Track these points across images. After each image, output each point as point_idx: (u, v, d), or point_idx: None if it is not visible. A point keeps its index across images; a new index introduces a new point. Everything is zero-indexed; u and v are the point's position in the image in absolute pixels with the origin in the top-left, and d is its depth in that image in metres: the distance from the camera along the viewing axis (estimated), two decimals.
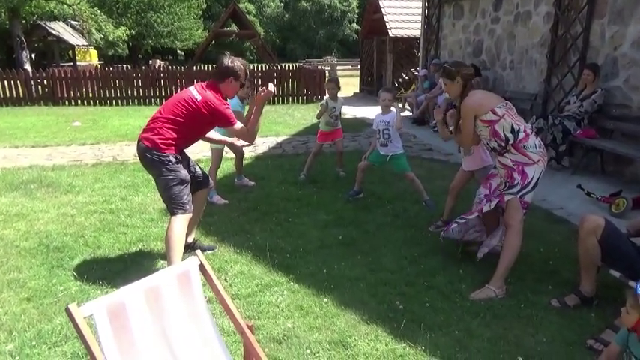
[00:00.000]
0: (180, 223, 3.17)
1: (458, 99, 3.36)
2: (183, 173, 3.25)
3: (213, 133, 3.65)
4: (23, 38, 13.83)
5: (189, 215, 3.26)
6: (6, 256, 3.60)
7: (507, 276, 3.17)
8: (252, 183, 5.49)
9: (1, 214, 4.48)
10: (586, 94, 6.00)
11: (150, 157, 3.20)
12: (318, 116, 5.78)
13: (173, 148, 3.21)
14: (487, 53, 8.77)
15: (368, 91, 16.05)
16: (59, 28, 18.52)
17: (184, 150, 3.39)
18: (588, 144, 5.90)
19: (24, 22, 14.22)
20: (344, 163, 6.06)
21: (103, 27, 18.01)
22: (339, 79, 6.26)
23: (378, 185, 5.40)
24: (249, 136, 3.44)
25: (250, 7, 47.66)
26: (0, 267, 3.44)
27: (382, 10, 14.14)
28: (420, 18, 13.45)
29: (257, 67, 14.98)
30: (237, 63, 3.33)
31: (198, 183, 3.50)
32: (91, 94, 13.06)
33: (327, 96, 5.81)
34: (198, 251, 1.92)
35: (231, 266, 3.49)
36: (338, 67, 30.43)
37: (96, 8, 17.96)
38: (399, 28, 13.92)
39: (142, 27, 28.98)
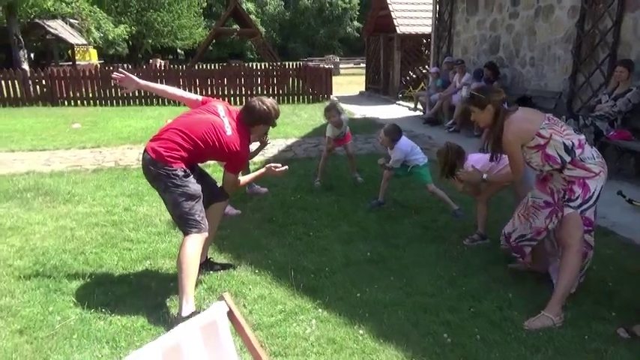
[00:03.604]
0: (195, 243, 2.79)
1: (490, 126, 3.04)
2: (193, 187, 2.88)
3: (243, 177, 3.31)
4: (20, 37, 13.40)
5: (205, 234, 2.88)
6: None
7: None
8: (265, 190, 5.12)
9: None
10: (619, 93, 5.61)
11: (154, 169, 2.83)
12: (328, 149, 5.41)
13: (181, 162, 2.85)
14: (505, 50, 8.39)
15: (374, 90, 15.66)
16: (58, 27, 18.10)
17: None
18: (622, 146, 5.52)
19: (21, 20, 13.79)
20: (360, 167, 5.69)
21: (103, 25, 17.58)
22: (343, 77, 5.87)
23: (400, 192, 5.03)
24: (234, 189, 3.22)
25: (251, 6, 47.13)
26: None
27: (389, 6, 13.74)
28: (429, 14, 13.09)
29: (259, 65, 14.55)
30: (268, 107, 3.03)
31: (212, 195, 3.12)
32: (90, 94, 12.68)
33: (329, 126, 5.30)
34: (226, 294, 1.55)
35: (250, 289, 3.11)
36: (340, 66, 30.18)
37: (95, 6, 17.56)
38: (407, 25, 13.52)
39: (142, 26, 28.53)
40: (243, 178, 3.27)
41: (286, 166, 3.31)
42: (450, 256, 3.59)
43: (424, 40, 13.97)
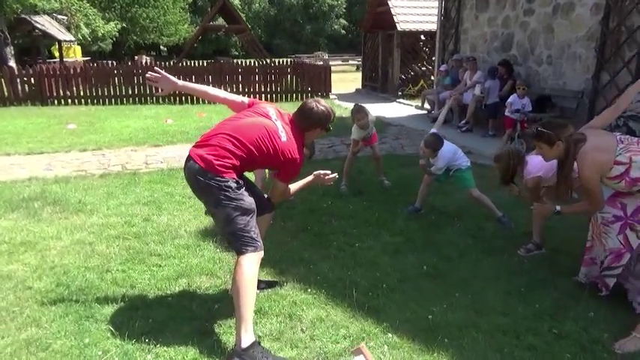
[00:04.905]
0: (252, 263, 2.49)
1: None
2: (247, 201, 2.57)
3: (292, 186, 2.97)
4: (7, 33, 12.79)
5: (262, 253, 2.58)
6: (18, 304, 2.87)
7: None
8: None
9: (4, 243, 3.72)
10: None
11: (204, 180, 2.51)
12: (354, 152, 5.17)
13: (232, 172, 2.54)
14: (519, 48, 8.19)
15: (371, 88, 15.40)
16: (45, 23, 17.38)
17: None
18: None
19: (6, 15, 13.11)
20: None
21: (92, 21, 16.93)
22: (333, 74, 5.56)
23: (435, 196, 4.76)
24: (281, 198, 2.99)
25: (236, 1, 46.38)
26: (13, 320, 2.71)
27: (389, 2, 13.48)
28: (430, 11, 12.92)
29: (246, 63, 13.96)
30: (327, 108, 2.77)
31: (261, 207, 2.81)
32: (82, 93, 12.14)
33: (354, 128, 5.06)
34: (363, 347, 1.27)
35: (304, 310, 2.82)
36: (330, 62, 29.85)
37: (84, 0, 16.90)
38: (408, 22, 13.28)
39: (127, 22, 27.78)
40: (292, 187, 2.97)
41: (335, 174, 3.03)
42: (510, 268, 3.34)
43: (421, 37, 13.78)
